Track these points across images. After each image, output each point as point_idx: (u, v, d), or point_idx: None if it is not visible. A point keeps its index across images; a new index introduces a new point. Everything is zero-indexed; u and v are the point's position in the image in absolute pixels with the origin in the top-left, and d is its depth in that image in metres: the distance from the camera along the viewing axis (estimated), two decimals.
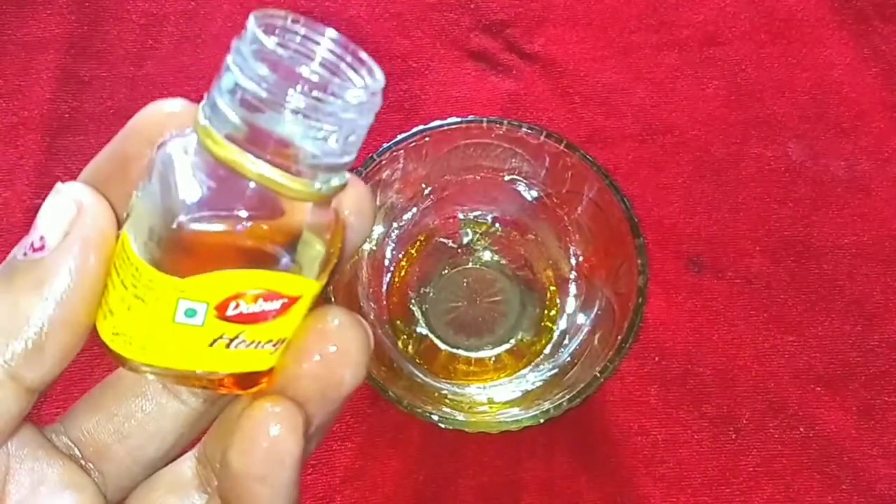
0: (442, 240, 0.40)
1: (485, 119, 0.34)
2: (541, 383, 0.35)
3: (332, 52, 0.16)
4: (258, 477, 0.16)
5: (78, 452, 0.19)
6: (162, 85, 0.43)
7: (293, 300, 0.16)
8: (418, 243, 0.39)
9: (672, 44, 0.45)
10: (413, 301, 0.39)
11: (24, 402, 0.16)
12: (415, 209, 0.38)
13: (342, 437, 0.37)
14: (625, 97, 0.44)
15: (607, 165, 0.34)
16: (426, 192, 0.38)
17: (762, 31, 0.46)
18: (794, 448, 0.37)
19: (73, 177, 0.43)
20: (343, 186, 0.16)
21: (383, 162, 0.34)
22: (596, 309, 0.35)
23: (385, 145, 0.34)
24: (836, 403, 0.38)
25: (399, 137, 0.34)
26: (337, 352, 0.16)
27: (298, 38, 0.16)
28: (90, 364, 0.36)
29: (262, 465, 0.16)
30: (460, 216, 0.40)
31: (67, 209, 0.16)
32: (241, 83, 0.14)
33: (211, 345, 0.16)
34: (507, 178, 0.37)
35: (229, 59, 0.15)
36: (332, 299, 0.31)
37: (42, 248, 0.16)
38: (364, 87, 0.16)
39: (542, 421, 0.30)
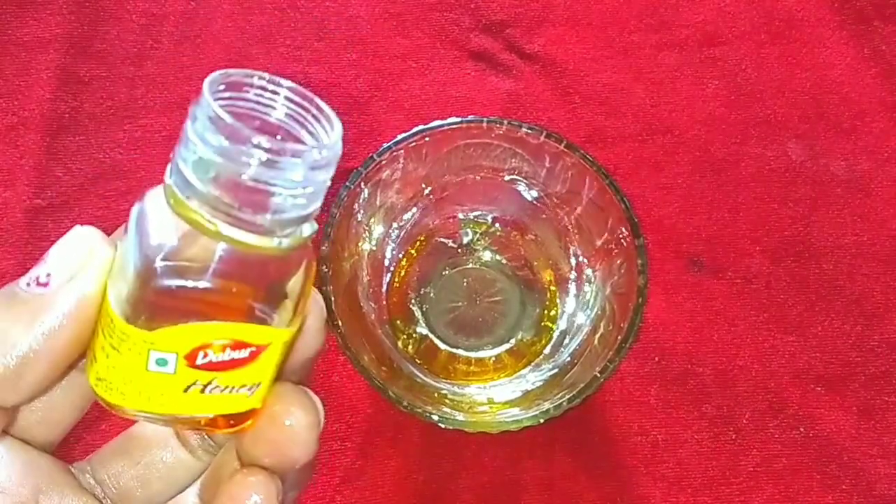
0: (442, 240, 0.40)
1: (485, 119, 0.34)
2: (541, 383, 0.35)
3: (291, 105, 0.17)
4: None
5: (100, 492, 0.20)
6: (162, 85, 0.43)
7: (261, 348, 0.17)
8: (418, 243, 0.39)
9: (672, 44, 0.45)
10: (413, 301, 0.39)
11: (1, 419, 0.17)
12: (415, 209, 0.38)
13: (342, 437, 0.37)
14: (625, 97, 0.44)
15: (607, 165, 0.34)
16: (426, 192, 0.38)
17: (762, 31, 0.46)
18: (794, 448, 0.37)
19: (73, 177, 0.43)
20: (311, 236, 0.17)
21: (383, 162, 0.34)
22: (596, 309, 0.35)
23: (385, 145, 0.34)
24: (836, 403, 0.38)
25: (399, 137, 0.34)
26: (288, 432, 0.18)
27: (256, 94, 0.16)
28: None
29: None
30: (460, 216, 0.40)
31: (79, 255, 0.17)
32: (199, 153, 0.15)
33: (185, 391, 0.17)
34: (507, 178, 0.37)
35: (187, 126, 0.15)
36: (332, 300, 0.31)
37: (46, 284, 0.17)
38: (319, 146, 0.16)
39: (541, 421, 0.30)
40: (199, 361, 0.16)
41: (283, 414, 0.18)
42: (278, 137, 0.16)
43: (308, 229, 0.17)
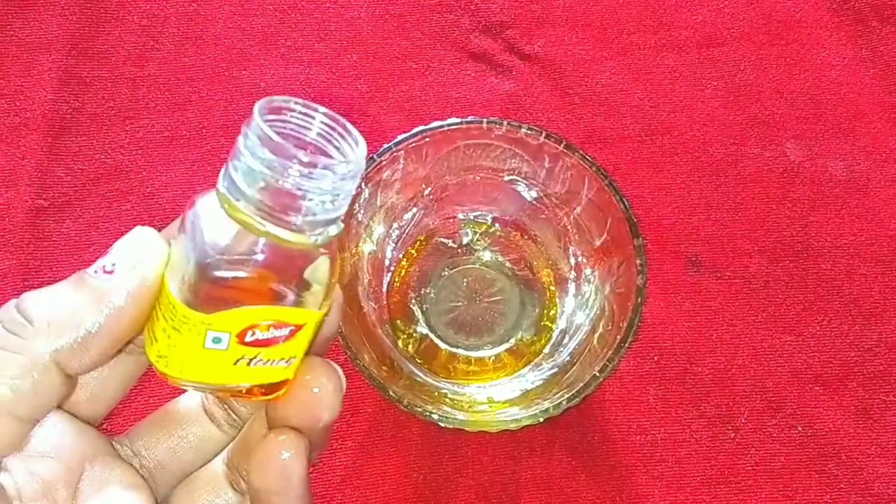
0: (442, 240, 0.40)
1: (484, 120, 0.34)
2: (540, 382, 0.35)
3: (323, 126, 0.20)
4: (274, 492, 0.20)
5: (138, 462, 0.23)
6: (163, 85, 0.43)
7: (299, 327, 0.20)
8: (418, 243, 0.40)
9: (671, 45, 0.45)
10: (413, 301, 0.39)
11: (64, 386, 0.20)
12: (415, 209, 0.38)
13: (343, 436, 0.37)
14: (624, 98, 0.44)
15: (606, 166, 0.34)
16: (426, 192, 0.38)
17: (760, 32, 0.46)
18: (792, 447, 0.38)
19: (75, 177, 0.43)
20: (337, 234, 0.20)
21: (383, 162, 0.34)
22: (595, 308, 0.35)
23: (385, 146, 0.34)
24: (834, 402, 0.38)
25: (399, 138, 0.34)
26: (316, 396, 0.21)
27: (295, 116, 0.20)
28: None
29: (276, 483, 0.20)
30: (460, 216, 0.40)
31: (140, 249, 0.20)
32: (249, 164, 0.18)
33: (235, 364, 0.20)
34: (506, 178, 0.37)
35: (240, 142, 0.18)
36: None
37: (112, 272, 0.20)
38: (347, 161, 0.19)
39: (541, 420, 0.30)
40: (248, 339, 0.19)
41: (313, 381, 0.21)
42: (311, 153, 0.19)
43: (335, 229, 0.20)
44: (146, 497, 0.21)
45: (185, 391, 0.24)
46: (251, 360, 0.20)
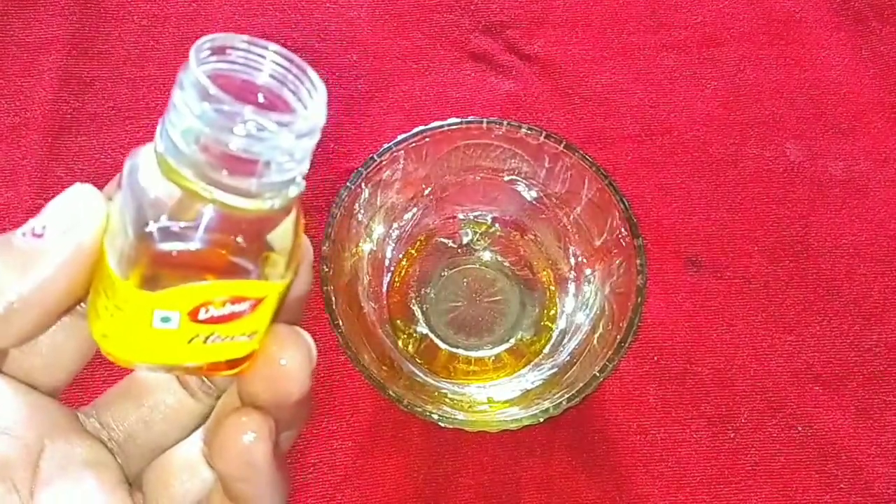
0: (442, 240, 0.40)
1: (484, 120, 0.34)
2: (540, 382, 0.35)
3: (276, 69, 0.17)
4: (237, 478, 0.18)
5: (105, 435, 0.21)
6: (163, 86, 0.43)
7: (260, 300, 0.18)
8: (418, 243, 0.40)
9: (670, 45, 0.45)
10: (413, 301, 0.39)
11: None
12: (415, 209, 0.38)
13: (343, 436, 0.37)
14: (624, 98, 0.44)
15: (606, 166, 0.34)
16: (426, 192, 0.38)
17: (760, 32, 0.46)
18: (792, 447, 0.38)
19: (75, 177, 0.43)
20: (298, 196, 0.17)
21: (383, 162, 0.34)
22: (595, 308, 0.35)
23: (385, 146, 0.34)
24: (834, 403, 0.38)
25: (399, 138, 0.34)
26: (284, 369, 0.18)
27: (241, 56, 0.17)
28: None
29: (239, 469, 0.18)
30: (460, 216, 0.40)
31: (75, 210, 0.17)
32: (187, 122, 0.15)
33: (189, 342, 0.17)
34: (506, 178, 0.37)
35: (175, 94, 0.16)
36: (333, 300, 0.32)
37: (41, 235, 0.17)
38: (303, 115, 0.17)
39: (541, 420, 0.30)
40: (202, 317, 0.17)
41: (278, 353, 0.18)
42: (262, 100, 0.17)
43: (294, 190, 0.17)
44: (112, 475, 0.20)
45: None
46: (207, 337, 0.17)
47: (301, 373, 0.18)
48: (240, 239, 0.17)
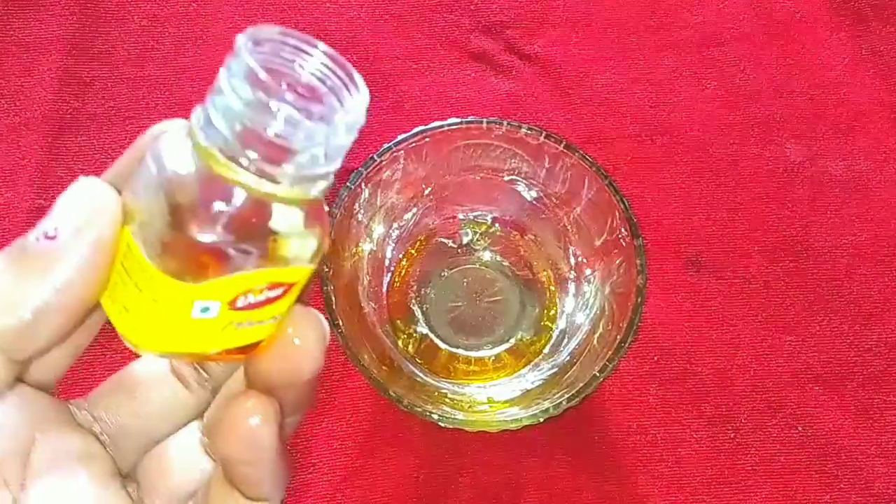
0: (442, 240, 0.40)
1: (485, 120, 0.34)
2: (540, 382, 0.35)
3: (321, 67, 0.17)
4: (243, 461, 0.18)
5: (98, 428, 0.20)
6: (163, 86, 0.43)
7: (291, 285, 0.18)
8: (418, 243, 0.40)
9: (671, 45, 0.45)
10: (413, 301, 0.39)
11: (8, 372, 0.17)
12: (415, 209, 0.38)
13: (343, 436, 0.37)
14: (624, 98, 0.44)
15: (606, 166, 0.34)
16: (426, 192, 0.38)
17: (760, 32, 0.46)
18: (792, 447, 0.38)
19: (75, 177, 0.43)
20: (328, 188, 0.18)
21: (384, 162, 0.34)
22: (595, 308, 0.35)
23: (385, 146, 0.34)
24: (834, 403, 0.38)
25: (399, 138, 0.34)
26: (298, 348, 0.18)
27: (288, 52, 0.17)
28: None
29: (244, 452, 0.18)
30: (460, 216, 0.40)
31: (84, 205, 0.17)
32: (233, 106, 0.15)
33: (223, 329, 0.18)
34: (506, 178, 0.37)
35: (221, 78, 0.16)
36: (333, 299, 0.32)
37: (54, 237, 0.17)
38: (346, 110, 0.17)
39: (541, 420, 0.30)
40: (240, 304, 0.17)
41: (294, 332, 0.18)
42: (305, 97, 0.17)
43: (327, 182, 0.17)
44: (105, 467, 0.19)
45: None
46: (240, 323, 0.18)
47: (315, 351, 0.18)
48: (279, 227, 0.17)
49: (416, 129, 0.34)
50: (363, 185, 0.34)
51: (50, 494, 0.18)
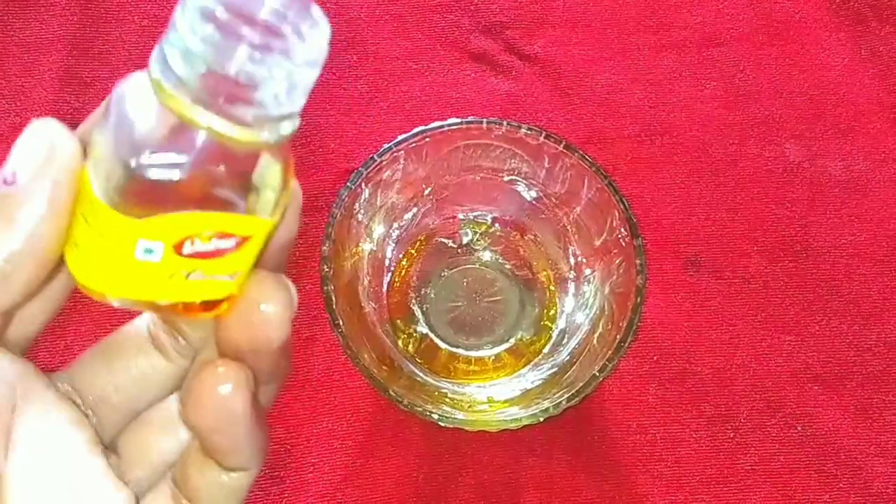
0: (442, 240, 0.40)
1: (484, 120, 0.35)
2: (540, 382, 0.35)
3: (278, 3, 0.16)
4: (212, 430, 0.18)
5: (78, 399, 0.20)
6: None
7: (246, 238, 0.17)
8: (418, 243, 0.40)
9: (670, 45, 0.45)
10: (413, 300, 0.39)
11: None
12: (415, 209, 0.38)
13: (343, 435, 0.37)
14: (623, 98, 0.44)
15: (606, 166, 0.34)
16: (426, 192, 0.38)
17: (760, 32, 0.46)
18: (791, 446, 0.38)
19: None
20: (292, 133, 0.17)
21: (383, 162, 0.34)
22: (595, 308, 0.35)
23: (385, 146, 0.34)
24: (834, 402, 0.38)
25: (399, 138, 0.34)
26: (264, 314, 0.18)
27: None
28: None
29: (216, 420, 0.18)
30: (460, 216, 0.40)
31: (40, 147, 0.17)
32: (188, 43, 0.15)
33: (170, 277, 0.17)
34: (506, 178, 0.37)
35: (177, 15, 0.15)
36: (333, 299, 0.32)
37: (13, 182, 0.16)
38: (306, 44, 0.16)
39: (541, 419, 0.30)
40: (186, 251, 0.17)
41: (259, 298, 0.18)
42: (264, 32, 0.16)
43: (290, 126, 0.17)
44: (86, 438, 0.19)
45: (131, 318, 0.21)
46: (189, 273, 0.17)
47: (281, 318, 0.18)
48: (230, 171, 0.16)
49: (416, 130, 0.34)
50: (363, 185, 0.34)
51: (31, 463, 0.18)
